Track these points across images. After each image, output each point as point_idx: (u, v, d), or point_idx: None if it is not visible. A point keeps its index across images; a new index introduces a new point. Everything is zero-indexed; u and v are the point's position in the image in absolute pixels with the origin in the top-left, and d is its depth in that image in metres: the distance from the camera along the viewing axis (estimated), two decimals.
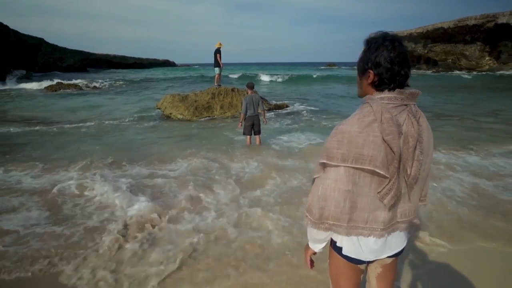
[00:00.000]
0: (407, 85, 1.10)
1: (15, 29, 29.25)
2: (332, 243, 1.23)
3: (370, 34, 1.13)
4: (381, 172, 1.02)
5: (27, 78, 27.40)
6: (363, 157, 1.02)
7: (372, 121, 1.02)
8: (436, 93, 16.13)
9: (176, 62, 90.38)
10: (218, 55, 10.32)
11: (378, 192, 1.06)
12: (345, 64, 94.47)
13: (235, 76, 28.99)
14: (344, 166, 1.05)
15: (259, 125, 6.04)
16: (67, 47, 43.81)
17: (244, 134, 6.09)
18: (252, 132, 6.05)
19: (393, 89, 1.08)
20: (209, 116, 9.85)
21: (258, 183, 4.28)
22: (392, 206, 1.09)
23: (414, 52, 43.34)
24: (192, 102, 10.20)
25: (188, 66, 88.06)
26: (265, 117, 6.19)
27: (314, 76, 29.31)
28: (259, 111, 5.97)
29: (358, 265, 1.22)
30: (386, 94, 1.08)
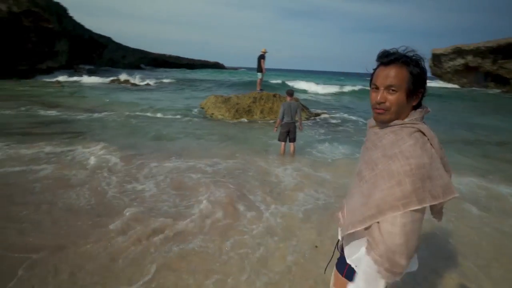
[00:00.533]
0: None
1: (89, 28, 33.04)
2: (348, 272, 1.20)
3: (398, 51, 1.04)
4: (457, 195, 0.99)
5: (95, 73, 30.85)
6: (448, 187, 0.97)
7: (430, 147, 0.99)
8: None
9: (225, 64, 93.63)
10: (262, 60, 10.49)
11: (435, 215, 1.12)
12: None
13: (279, 81, 29.07)
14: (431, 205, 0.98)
15: (294, 132, 5.98)
16: (129, 45, 48.10)
17: (279, 140, 6.04)
18: (287, 139, 6.00)
19: (420, 107, 1.08)
20: (249, 120, 10.02)
21: (291, 196, 4.11)
22: None
23: (480, 68, 39.23)
24: (234, 104, 10.49)
25: (235, 69, 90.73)
26: (301, 124, 6.08)
27: (365, 88, 28.05)
28: (296, 118, 5.92)
29: None
30: (418, 114, 1.06)
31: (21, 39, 21.98)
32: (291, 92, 6.05)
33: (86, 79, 22.99)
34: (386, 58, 1.04)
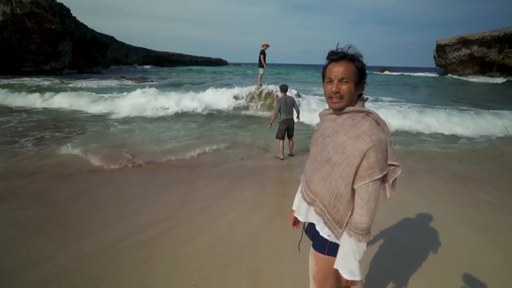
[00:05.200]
0: None
1: (92, 28, 33.22)
2: (330, 248, 1.30)
3: (345, 48, 1.25)
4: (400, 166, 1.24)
5: (99, 73, 31.14)
6: (394, 157, 1.21)
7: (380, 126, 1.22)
8: None
9: (228, 60, 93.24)
10: (262, 56, 10.49)
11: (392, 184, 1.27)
12: (401, 68, 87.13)
13: (281, 77, 28.93)
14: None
15: (293, 128, 5.86)
16: (132, 44, 48.26)
17: (277, 137, 5.79)
18: (286, 136, 5.81)
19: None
20: (247, 115, 10.11)
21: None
22: None
23: (486, 58, 38.57)
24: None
25: (238, 65, 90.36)
26: (299, 118, 5.93)
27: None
28: (295, 114, 5.78)
29: None
30: (363, 101, 1.29)
31: (25, 40, 22.30)
32: (285, 87, 5.89)
33: (91, 80, 23.19)
34: (336, 56, 1.24)
